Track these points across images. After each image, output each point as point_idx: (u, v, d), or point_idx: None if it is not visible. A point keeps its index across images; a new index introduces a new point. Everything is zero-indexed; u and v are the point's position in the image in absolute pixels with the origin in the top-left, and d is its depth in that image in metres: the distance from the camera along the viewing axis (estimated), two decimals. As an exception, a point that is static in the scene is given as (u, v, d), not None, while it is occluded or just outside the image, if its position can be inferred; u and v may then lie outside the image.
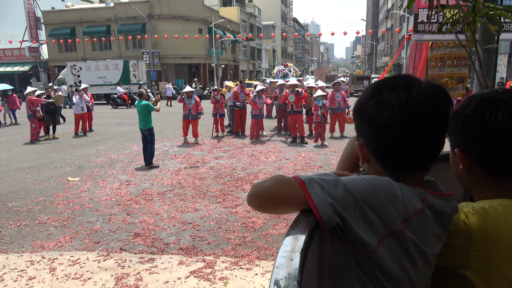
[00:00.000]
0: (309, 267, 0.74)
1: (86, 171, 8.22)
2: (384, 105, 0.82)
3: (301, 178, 0.80)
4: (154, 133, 8.60)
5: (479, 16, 2.35)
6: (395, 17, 50.24)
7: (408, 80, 0.85)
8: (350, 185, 0.79)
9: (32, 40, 37.40)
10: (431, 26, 4.14)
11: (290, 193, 0.80)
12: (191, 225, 5.15)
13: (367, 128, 0.86)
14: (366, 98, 0.86)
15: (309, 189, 0.78)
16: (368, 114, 0.84)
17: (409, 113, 0.80)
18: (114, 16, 37.02)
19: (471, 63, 2.60)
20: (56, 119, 12.99)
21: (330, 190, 0.78)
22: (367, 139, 0.87)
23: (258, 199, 0.83)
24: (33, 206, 6.08)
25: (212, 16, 38.23)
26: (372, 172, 0.91)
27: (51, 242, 4.73)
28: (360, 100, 0.88)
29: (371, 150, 0.88)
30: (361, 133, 0.89)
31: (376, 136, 0.84)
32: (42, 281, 3.82)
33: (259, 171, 7.88)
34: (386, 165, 0.87)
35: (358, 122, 0.90)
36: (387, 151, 0.85)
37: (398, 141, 0.82)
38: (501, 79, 22.32)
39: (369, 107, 0.84)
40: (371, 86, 0.88)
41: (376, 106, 0.83)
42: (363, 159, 0.91)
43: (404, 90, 0.82)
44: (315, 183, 0.79)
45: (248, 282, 3.70)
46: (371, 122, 0.84)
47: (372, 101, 0.84)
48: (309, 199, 0.77)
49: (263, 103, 11.33)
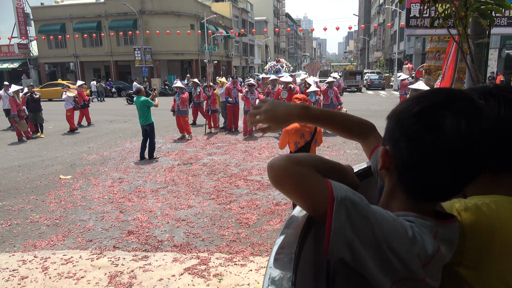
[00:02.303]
0: (304, 266, 0.73)
1: (78, 169, 8.14)
2: (434, 127, 0.71)
3: (334, 193, 0.70)
4: (154, 127, 8.90)
5: (470, 10, 2.35)
6: (387, 12, 50.38)
7: (469, 103, 0.73)
8: (378, 221, 0.70)
9: (21, 36, 36.87)
10: (423, 21, 4.14)
11: (314, 197, 0.73)
12: (185, 222, 5.14)
13: (402, 141, 0.75)
14: (413, 110, 0.75)
15: (335, 210, 0.69)
16: (411, 130, 0.73)
17: (460, 144, 0.70)
18: (104, 12, 36.62)
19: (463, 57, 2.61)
20: (40, 117, 12.78)
21: (355, 220, 0.69)
22: (397, 152, 0.77)
23: (281, 178, 0.75)
24: (25, 204, 6.01)
25: (204, 12, 38.00)
26: (386, 181, 0.83)
27: (43, 241, 4.68)
28: (404, 108, 0.77)
29: (396, 164, 0.78)
30: (392, 141, 0.79)
31: (411, 155, 0.74)
32: (35, 280, 3.79)
33: (253, 167, 7.87)
34: (407, 187, 0.78)
35: (392, 128, 0.79)
36: (416, 175, 0.75)
37: (434, 169, 0.72)
38: (492, 73, 22.53)
39: (414, 123, 0.73)
40: (421, 97, 0.76)
41: (424, 125, 0.72)
42: (383, 164, 0.80)
43: (464, 117, 0.70)
44: (344, 206, 0.69)
45: (243, 278, 3.70)
46: (411, 139, 0.73)
47: (419, 117, 0.73)
48: (328, 220, 0.69)
49: (255, 99, 11.30)
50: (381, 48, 57.82)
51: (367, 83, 33.17)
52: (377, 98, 25.02)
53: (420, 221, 0.75)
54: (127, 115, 17.34)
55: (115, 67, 38.12)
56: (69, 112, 13.11)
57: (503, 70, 26.05)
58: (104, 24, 36.91)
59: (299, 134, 4.31)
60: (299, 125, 4.33)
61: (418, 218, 0.76)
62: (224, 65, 47.41)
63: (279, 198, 5.96)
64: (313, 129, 4.38)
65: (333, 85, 11.83)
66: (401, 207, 0.79)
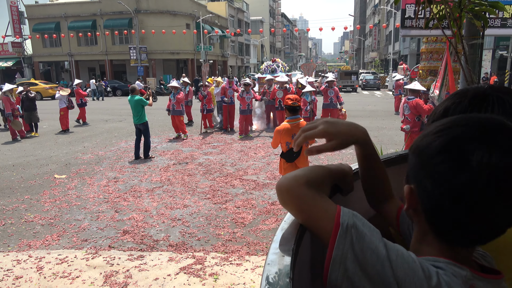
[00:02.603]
0: (301, 263, 0.74)
1: (73, 168, 8.10)
2: (464, 166, 0.61)
3: (340, 219, 0.67)
4: (148, 126, 8.90)
5: (465, 11, 2.38)
6: (382, 13, 50.58)
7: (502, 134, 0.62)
8: (392, 260, 0.63)
9: (15, 35, 36.59)
10: (418, 21, 4.18)
11: (320, 222, 0.69)
12: (181, 221, 5.14)
13: (428, 182, 0.65)
14: (437, 145, 0.65)
15: (338, 237, 0.65)
16: (437, 170, 0.64)
17: (502, 184, 0.60)
18: (100, 11, 36.43)
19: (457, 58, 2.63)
20: (35, 116, 12.68)
21: (362, 253, 0.63)
22: (423, 193, 0.67)
23: (288, 199, 0.74)
24: (19, 204, 5.97)
25: (200, 11, 37.92)
26: (414, 222, 0.74)
27: (38, 241, 4.66)
28: (427, 143, 0.67)
29: (424, 206, 0.68)
30: (416, 180, 0.69)
31: (439, 198, 0.64)
32: (29, 280, 3.77)
33: (249, 166, 7.88)
34: (438, 232, 0.68)
35: (415, 165, 0.69)
36: (447, 219, 0.65)
37: (469, 213, 0.62)
38: (486, 74, 22.68)
39: (440, 162, 0.63)
40: (446, 129, 0.66)
41: (452, 164, 0.62)
42: (409, 206, 0.71)
43: (497, 150, 0.60)
44: (350, 235, 0.65)
45: (239, 278, 3.70)
46: (438, 181, 0.63)
47: (446, 154, 0.63)
48: (330, 247, 0.65)
49: (251, 99, 11.30)
50: (376, 49, 58.04)
51: (362, 83, 33.30)
52: (372, 98, 25.12)
53: (454, 269, 0.65)
54: (122, 115, 17.27)
55: (110, 66, 37.94)
56: (63, 112, 13.01)
57: (497, 71, 26.24)
58: (99, 23, 36.72)
59: (291, 134, 4.31)
60: (290, 125, 4.33)
61: (451, 265, 0.66)
62: (220, 65, 47.34)
63: (275, 197, 5.97)
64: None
65: (333, 85, 11.51)
66: (433, 253, 0.69)
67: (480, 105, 0.89)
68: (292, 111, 4.38)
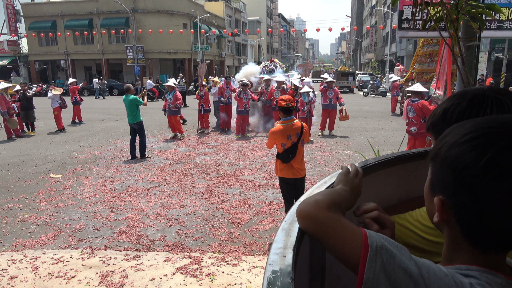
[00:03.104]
0: (300, 263, 0.74)
1: (69, 167, 8.07)
2: (506, 176, 0.59)
3: (369, 241, 0.66)
4: (143, 126, 8.86)
5: (462, 13, 2.39)
6: (379, 14, 50.75)
7: None
8: (424, 277, 0.62)
9: (11, 33, 36.34)
10: (416, 23, 4.19)
11: (347, 244, 0.68)
12: (177, 221, 5.12)
13: (464, 196, 0.63)
14: (471, 156, 0.62)
15: (369, 259, 0.64)
16: (477, 186, 0.61)
17: None
18: (96, 10, 36.28)
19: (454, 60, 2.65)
20: (32, 115, 12.61)
21: (393, 273, 0.62)
22: (457, 206, 0.65)
23: (312, 226, 0.72)
24: (14, 203, 5.94)
25: (197, 11, 37.89)
26: (444, 232, 0.72)
27: (33, 240, 4.63)
28: (461, 155, 0.63)
29: (458, 217, 0.66)
30: (447, 193, 0.66)
31: (479, 212, 0.62)
32: (25, 280, 3.75)
33: (245, 166, 7.88)
34: (474, 240, 0.66)
35: (444, 177, 0.67)
36: (486, 230, 0.63)
37: (507, 220, 0.61)
38: (481, 75, 22.82)
39: (478, 176, 0.61)
40: (479, 138, 0.63)
41: (493, 177, 0.60)
42: (441, 218, 0.69)
43: None
44: (380, 256, 0.63)
45: (235, 278, 3.70)
46: (478, 196, 0.61)
47: (484, 167, 0.60)
48: (361, 271, 0.63)
49: (248, 99, 11.29)
50: (373, 50, 58.20)
51: (359, 84, 33.40)
52: (368, 99, 25.19)
53: (488, 277, 0.64)
54: (119, 114, 17.21)
55: (106, 65, 37.80)
56: (56, 111, 12.91)
57: (493, 72, 26.40)
58: (96, 22, 36.57)
59: (285, 135, 4.29)
60: (283, 127, 4.32)
61: (485, 273, 0.65)
62: (217, 65, 47.30)
63: (272, 198, 5.97)
64: (299, 130, 4.34)
65: (332, 86, 11.37)
66: (466, 260, 0.68)
67: (479, 107, 0.90)
68: (285, 112, 4.37)
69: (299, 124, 4.38)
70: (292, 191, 4.46)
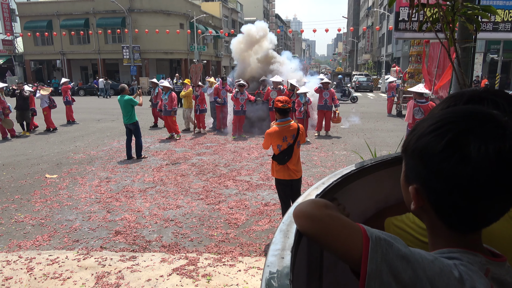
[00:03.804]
0: (299, 264, 0.74)
1: (64, 168, 8.02)
2: (467, 159, 0.64)
3: (368, 233, 0.68)
4: (139, 126, 8.83)
5: (458, 15, 2.40)
6: (375, 15, 50.92)
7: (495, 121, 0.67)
8: (419, 262, 0.65)
9: (6, 32, 36.14)
10: (412, 24, 4.21)
11: (347, 240, 0.69)
12: (173, 222, 5.11)
13: (434, 180, 0.68)
14: (438, 144, 0.67)
15: (371, 250, 0.65)
16: (442, 168, 0.66)
17: (502, 169, 0.64)
18: (92, 9, 36.15)
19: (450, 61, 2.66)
20: (27, 115, 12.52)
21: (394, 262, 0.64)
22: (429, 191, 0.70)
23: (311, 224, 0.73)
24: (9, 204, 5.90)
25: (194, 11, 37.84)
26: (424, 219, 0.77)
27: (28, 241, 4.60)
28: (427, 144, 0.69)
29: (432, 202, 0.71)
30: (420, 180, 0.71)
31: (448, 194, 0.67)
32: (19, 281, 3.72)
33: (242, 167, 7.87)
34: (449, 223, 0.71)
35: (415, 166, 0.72)
36: (457, 210, 0.68)
37: (476, 200, 0.66)
38: (477, 77, 22.97)
39: (443, 159, 0.66)
40: (442, 126, 0.68)
41: (454, 160, 0.65)
42: (416, 205, 0.73)
43: (496, 139, 0.64)
44: (380, 247, 0.66)
45: (231, 279, 3.70)
46: (444, 178, 0.66)
47: (448, 151, 0.65)
48: (364, 263, 0.65)
49: (245, 99, 11.26)
50: (370, 51, 58.39)
51: (356, 85, 33.50)
52: (365, 100, 25.26)
53: (468, 257, 0.69)
54: (115, 114, 17.14)
55: (102, 65, 37.66)
56: (45, 111, 12.80)
57: (488, 74, 26.58)
58: (92, 22, 36.44)
59: (281, 137, 4.28)
60: (279, 128, 4.31)
61: (465, 253, 0.70)
62: (214, 65, 47.26)
63: (268, 198, 5.97)
64: (295, 131, 4.33)
65: (328, 86, 11.31)
66: (446, 244, 0.73)
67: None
68: (282, 113, 4.36)
69: (296, 126, 4.37)
70: (288, 192, 4.46)
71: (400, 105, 15.69)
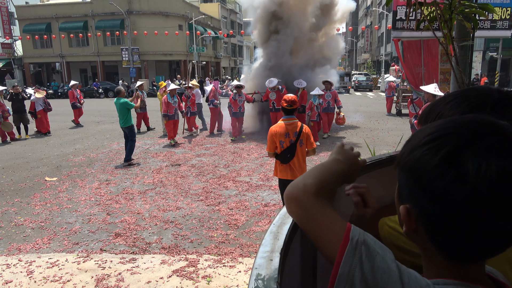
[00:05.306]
0: (291, 266, 0.73)
1: (64, 170, 8.02)
2: (464, 178, 0.55)
3: (350, 234, 0.63)
4: (134, 130, 8.66)
5: (455, 13, 2.39)
6: (374, 15, 50.93)
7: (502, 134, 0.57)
8: (405, 282, 0.59)
9: (5, 36, 36.22)
10: (409, 23, 4.20)
11: (328, 234, 0.66)
12: (173, 223, 5.10)
13: (426, 201, 0.59)
14: (427, 157, 0.59)
15: (347, 252, 0.61)
16: (435, 187, 0.57)
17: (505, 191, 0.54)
18: (91, 12, 36.18)
19: (448, 59, 2.65)
20: (26, 118, 12.49)
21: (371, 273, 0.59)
22: (422, 213, 0.61)
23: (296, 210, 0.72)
24: (9, 207, 5.89)
25: (193, 12, 37.84)
26: (415, 242, 0.67)
27: (28, 244, 4.59)
28: (419, 158, 0.60)
29: (425, 227, 0.62)
30: (411, 200, 0.62)
31: (441, 217, 0.58)
32: (19, 284, 3.71)
33: (242, 168, 7.86)
34: (444, 251, 0.62)
35: (406, 183, 0.63)
36: (452, 238, 0.59)
37: (474, 227, 0.56)
38: (476, 75, 22.96)
39: (437, 177, 0.57)
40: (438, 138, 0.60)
41: (449, 178, 0.56)
42: (408, 228, 0.64)
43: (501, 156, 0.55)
44: (359, 252, 0.61)
45: (232, 280, 3.69)
46: (437, 199, 0.57)
47: (443, 168, 0.57)
48: (336, 262, 0.61)
49: (243, 101, 11.14)
50: (369, 50, 58.39)
51: (355, 85, 33.51)
52: (364, 99, 25.27)
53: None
54: (114, 116, 17.08)
55: (102, 67, 37.70)
56: (40, 114, 12.68)
57: (487, 72, 26.57)
58: (91, 24, 36.46)
59: (284, 133, 4.29)
60: (284, 124, 4.32)
61: (462, 286, 0.61)
62: (213, 66, 47.26)
63: (268, 199, 5.96)
64: (297, 129, 4.34)
65: (331, 87, 10.96)
66: (442, 274, 0.64)
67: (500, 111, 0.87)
68: (286, 112, 4.37)
69: (299, 124, 4.37)
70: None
71: (400, 104, 15.68)
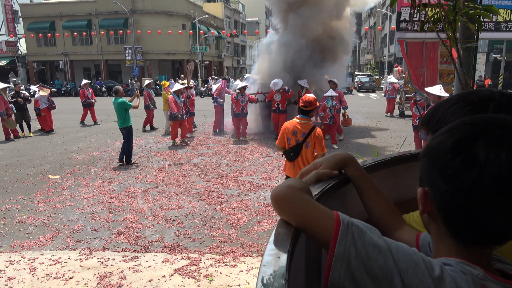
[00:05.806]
0: (296, 264, 0.74)
1: (67, 168, 8.05)
2: (474, 162, 0.62)
3: (340, 217, 0.69)
4: (132, 131, 8.37)
5: (459, 15, 2.39)
6: (378, 15, 50.83)
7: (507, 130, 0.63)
8: (393, 252, 0.65)
9: (9, 34, 36.35)
10: (413, 24, 4.20)
11: (320, 222, 0.71)
12: (175, 222, 5.12)
13: (440, 182, 0.65)
14: (446, 144, 0.66)
15: (341, 233, 0.67)
16: (448, 168, 0.64)
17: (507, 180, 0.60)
18: (95, 10, 36.27)
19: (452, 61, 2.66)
20: (28, 116, 12.54)
21: (364, 249, 0.65)
22: (437, 194, 0.67)
23: (285, 206, 0.77)
24: (12, 204, 5.92)
25: (196, 12, 37.89)
26: (431, 227, 0.73)
27: (31, 242, 4.62)
28: (437, 144, 0.68)
29: (438, 207, 0.68)
30: (429, 182, 0.69)
31: (452, 196, 0.64)
32: (22, 281, 3.73)
33: (244, 167, 7.87)
34: (454, 231, 0.68)
35: (427, 167, 0.69)
36: (462, 218, 0.64)
37: (482, 210, 0.62)
38: (480, 77, 22.90)
39: (450, 159, 0.64)
40: (454, 128, 0.67)
41: (462, 161, 0.63)
42: (423, 209, 0.71)
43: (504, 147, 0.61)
44: (351, 232, 0.67)
45: (233, 279, 3.70)
46: (450, 179, 0.64)
47: (455, 151, 0.64)
48: (332, 245, 0.66)
49: (245, 101, 11.06)
50: (372, 51, 58.26)
51: (358, 85, 33.46)
52: (367, 100, 25.24)
53: (463, 267, 0.65)
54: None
55: (105, 66, 37.78)
56: (43, 112, 12.71)
57: (491, 74, 26.48)
58: (95, 23, 36.55)
59: (293, 130, 4.31)
60: (297, 122, 4.33)
61: (462, 263, 0.66)
62: (216, 66, 47.31)
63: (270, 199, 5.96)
64: (307, 130, 4.33)
65: (335, 88, 10.73)
66: (448, 254, 0.70)
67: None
68: (301, 112, 4.37)
69: (311, 127, 4.33)
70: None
71: (403, 105, 15.65)
